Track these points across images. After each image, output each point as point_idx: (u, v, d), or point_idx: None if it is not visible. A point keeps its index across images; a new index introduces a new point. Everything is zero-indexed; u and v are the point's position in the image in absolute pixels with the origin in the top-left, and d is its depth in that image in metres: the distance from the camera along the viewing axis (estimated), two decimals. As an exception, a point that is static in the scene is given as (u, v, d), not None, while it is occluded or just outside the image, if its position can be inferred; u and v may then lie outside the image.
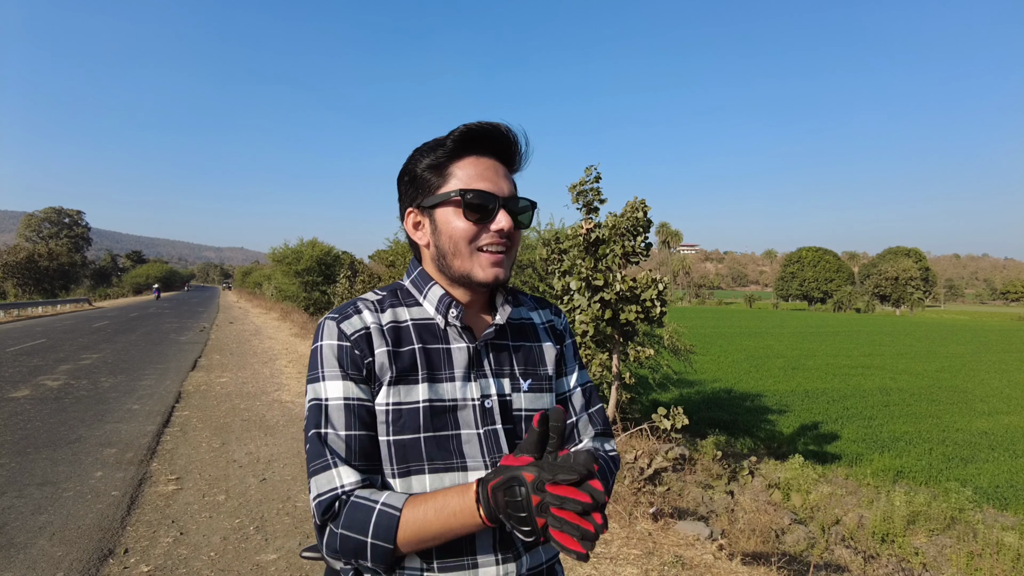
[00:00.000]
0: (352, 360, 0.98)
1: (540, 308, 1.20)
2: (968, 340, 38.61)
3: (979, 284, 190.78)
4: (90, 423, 6.43)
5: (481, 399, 1.02)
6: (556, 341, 1.17)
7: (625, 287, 7.79)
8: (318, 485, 0.94)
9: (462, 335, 1.04)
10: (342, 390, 0.97)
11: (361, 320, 1.01)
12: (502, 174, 1.04)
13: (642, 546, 3.46)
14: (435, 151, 1.03)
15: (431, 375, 1.00)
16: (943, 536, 8.29)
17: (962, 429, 14.96)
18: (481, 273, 1.01)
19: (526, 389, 1.07)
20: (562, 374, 1.18)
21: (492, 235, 1.01)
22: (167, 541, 3.52)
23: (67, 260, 59.72)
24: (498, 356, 1.07)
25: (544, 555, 1.05)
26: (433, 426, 0.98)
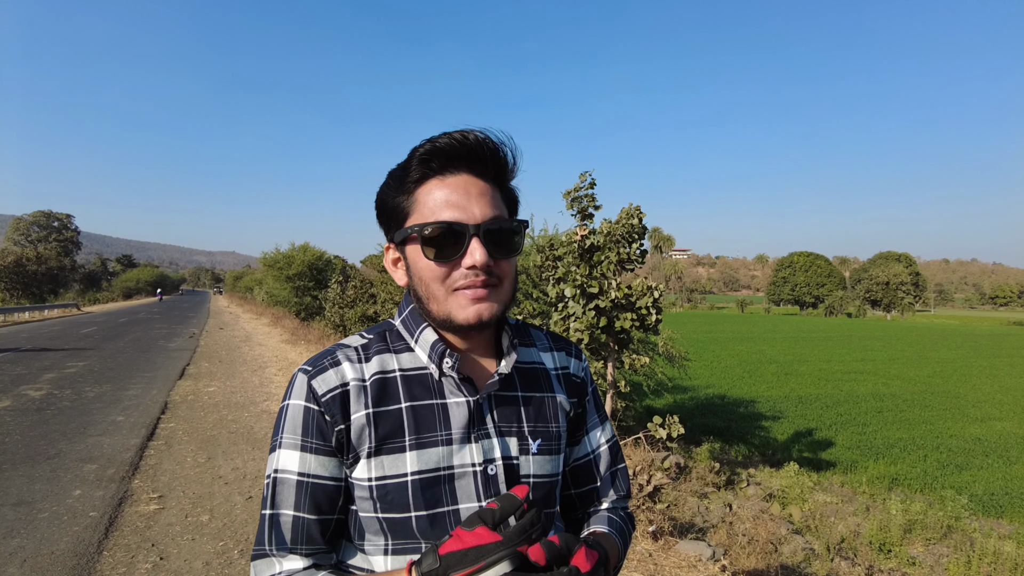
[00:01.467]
0: (319, 428, 0.84)
1: (555, 350, 1.03)
2: (959, 345, 38.79)
3: (968, 289, 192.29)
4: (71, 436, 6.23)
5: (484, 464, 0.87)
6: (571, 393, 1.01)
7: (620, 294, 7.69)
8: (256, 572, 0.84)
9: (460, 388, 0.88)
10: (298, 464, 0.84)
11: (339, 375, 0.86)
12: (476, 193, 0.86)
13: (643, 568, 3.34)
14: (401, 176, 0.87)
15: (420, 440, 0.85)
16: (940, 545, 8.22)
17: (956, 435, 14.95)
18: (461, 314, 0.85)
19: (535, 451, 0.92)
20: (586, 430, 1.04)
21: (465, 273, 0.84)
22: (145, 567, 3.36)
23: (56, 264, 59.14)
24: (504, 411, 0.91)
25: None
26: (425, 502, 0.84)
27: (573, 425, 1.02)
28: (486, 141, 0.86)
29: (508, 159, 0.90)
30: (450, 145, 0.84)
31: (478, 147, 0.85)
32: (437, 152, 0.84)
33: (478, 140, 0.85)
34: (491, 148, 0.87)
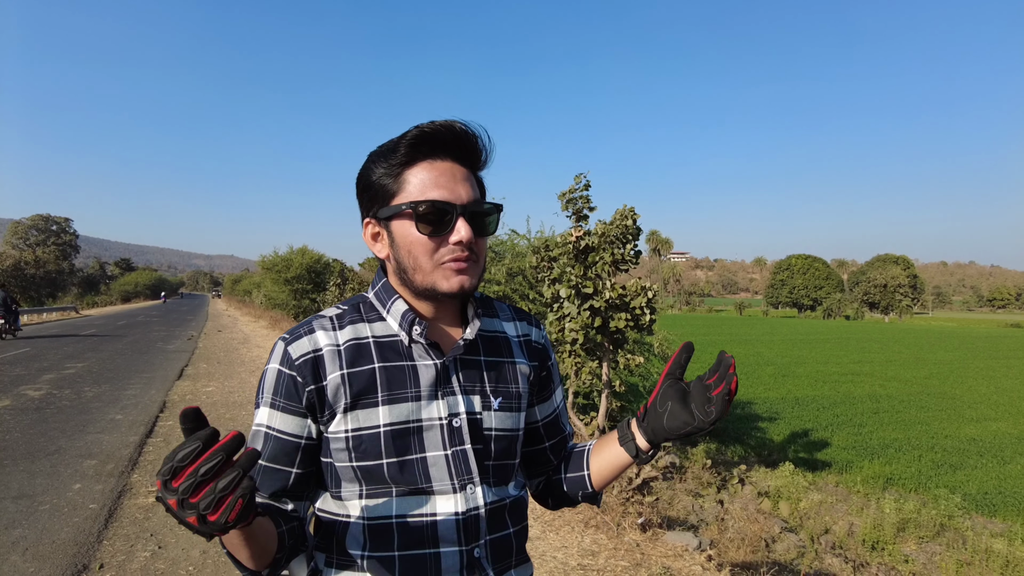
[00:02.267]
0: (288, 389, 0.93)
1: (517, 319, 1.13)
2: (956, 347, 38.89)
3: (966, 291, 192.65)
4: (71, 434, 6.31)
5: (449, 418, 0.96)
6: (532, 358, 1.11)
7: (615, 295, 7.77)
8: None
9: (428, 352, 0.97)
10: (267, 418, 0.94)
11: (312, 342, 0.95)
12: (460, 178, 0.95)
13: (630, 557, 3.42)
14: (389, 157, 0.95)
15: (391, 396, 0.94)
16: (933, 543, 8.29)
17: (951, 436, 15.03)
18: (445, 284, 0.94)
19: (497, 408, 1.01)
20: (552, 391, 1.16)
21: (452, 247, 0.93)
22: (144, 555, 3.44)
23: (54, 268, 59.16)
24: (468, 372, 1.00)
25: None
26: (396, 450, 0.92)
27: (540, 386, 1.12)
28: (468, 131, 0.96)
29: (485, 149, 0.99)
30: (439, 132, 0.93)
31: (463, 136, 0.95)
32: (427, 138, 0.93)
33: (463, 130, 0.95)
34: (473, 138, 0.96)
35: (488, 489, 0.97)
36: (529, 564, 1.07)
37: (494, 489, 0.98)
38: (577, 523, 3.95)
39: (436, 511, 0.93)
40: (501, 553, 0.98)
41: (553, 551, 3.52)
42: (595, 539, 3.69)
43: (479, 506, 0.95)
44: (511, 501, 1.01)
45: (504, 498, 1.00)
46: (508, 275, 11.06)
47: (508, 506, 1.01)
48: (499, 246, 12.19)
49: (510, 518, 1.01)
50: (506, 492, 1.01)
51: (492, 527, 0.96)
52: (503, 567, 0.98)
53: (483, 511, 0.95)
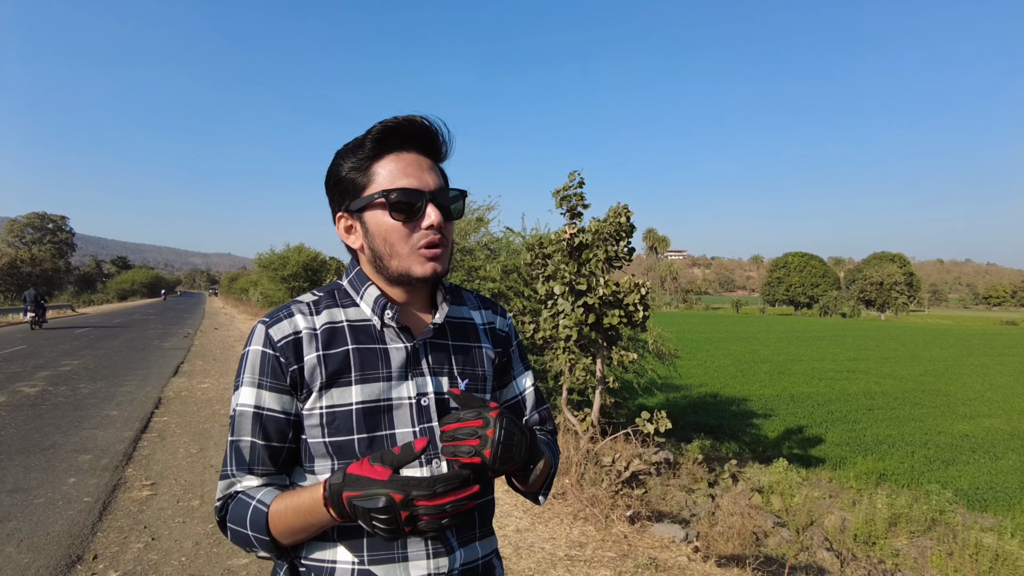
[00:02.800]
0: (273, 369, 0.98)
1: (483, 308, 1.19)
2: (951, 344, 39.04)
3: (962, 289, 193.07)
4: (66, 429, 6.35)
5: (418, 397, 1.01)
6: (496, 344, 1.16)
7: (608, 291, 7.81)
8: (220, 489, 0.99)
9: (399, 335, 1.03)
10: (254, 399, 0.98)
11: (292, 325, 1.00)
12: (426, 167, 1.01)
13: (617, 548, 3.47)
14: (356, 152, 1.01)
15: (364, 376, 0.99)
16: (924, 538, 8.36)
17: (944, 432, 15.11)
18: (419, 269, 1.00)
19: (463, 389, 1.06)
20: (513, 376, 1.20)
21: (424, 232, 0.99)
22: (138, 547, 3.49)
23: (51, 266, 59.11)
24: (437, 355, 1.06)
25: (480, 551, 1.07)
26: (367, 427, 0.98)
27: (500, 370, 1.18)
28: (429, 125, 1.01)
29: (445, 142, 1.05)
30: (402, 126, 0.99)
31: (425, 129, 1.01)
32: (391, 132, 0.99)
33: (425, 123, 1.01)
34: (434, 130, 1.02)
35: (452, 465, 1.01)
36: (493, 538, 1.12)
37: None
38: (566, 515, 4.00)
39: None
40: (465, 525, 1.03)
41: (542, 542, 3.57)
42: (583, 531, 3.74)
43: None
44: None
45: None
46: (503, 272, 11.10)
47: None
48: (494, 243, 12.23)
49: None
50: None
51: None
52: (467, 538, 1.03)
53: None
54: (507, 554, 3.41)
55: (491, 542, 1.11)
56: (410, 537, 0.96)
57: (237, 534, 0.96)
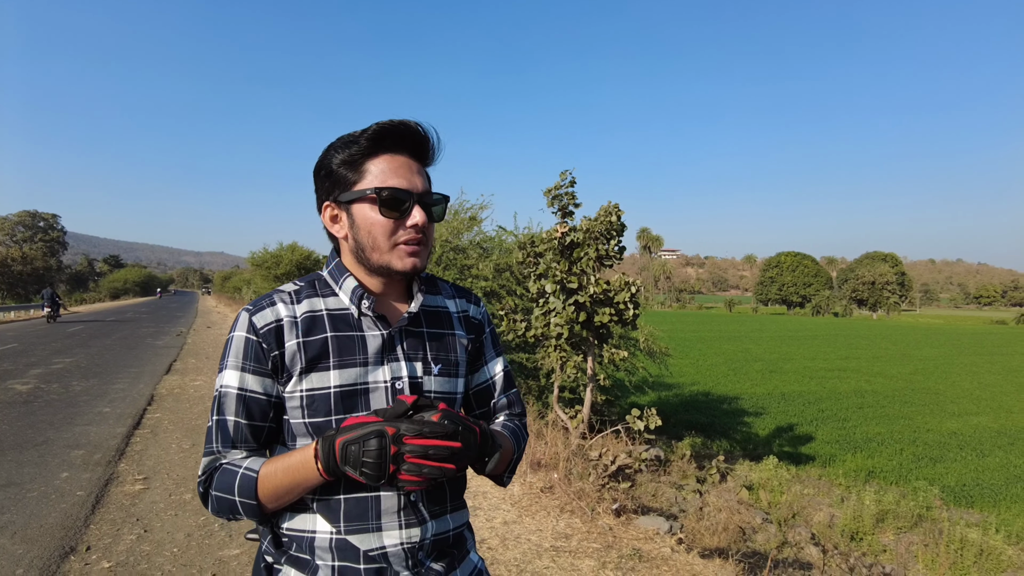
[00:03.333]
0: (255, 354, 1.05)
1: (457, 297, 1.26)
2: (941, 343, 39.34)
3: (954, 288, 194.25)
4: (59, 426, 6.38)
5: (392, 381, 1.08)
6: (470, 331, 1.23)
7: (599, 290, 7.88)
8: (203, 464, 1.06)
9: (376, 323, 1.10)
10: (238, 381, 1.05)
11: (274, 313, 1.07)
12: (415, 170, 1.08)
13: (602, 540, 3.54)
14: (350, 147, 1.07)
15: (342, 361, 1.06)
16: (910, 533, 8.47)
17: (932, 430, 15.26)
18: (399, 263, 1.07)
19: (436, 373, 1.13)
20: (484, 361, 1.28)
21: (408, 230, 1.06)
22: (130, 538, 3.54)
23: (42, 264, 58.78)
24: (411, 342, 1.13)
25: (451, 523, 1.14)
26: (344, 408, 1.05)
27: (474, 355, 1.25)
28: (425, 131, 1.09)
29: (435, 148, 1.13)
30: (398, 128, 1.06)
31: (417, 134, 1.08)
32: (387, 133, 1.06)
33: (419, 129, 1.08)
34: (426, 136, 1.10)
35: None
36: (465, 511, 1.20)
37: None
38: (553, 508, 4.07)
39: None
40: (436, 498, 1.10)
41: (528, 534, 3.64)
42: (569, 523, 3.81)
43: None
44: None
45: None
46: (496, 271, 11.15)
47: None
48: (487, 242, 12.29)
49: None
50: None
51: None
52: (439, 511, 1.11)
53: None
54: (494, 545, 3.48)
55: (462, 515, 1.18)
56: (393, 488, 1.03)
57: (222, 501, 1.02)
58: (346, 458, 0.92)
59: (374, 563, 1.04)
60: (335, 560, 1.04)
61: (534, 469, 4.81)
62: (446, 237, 12.29)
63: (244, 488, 1.00)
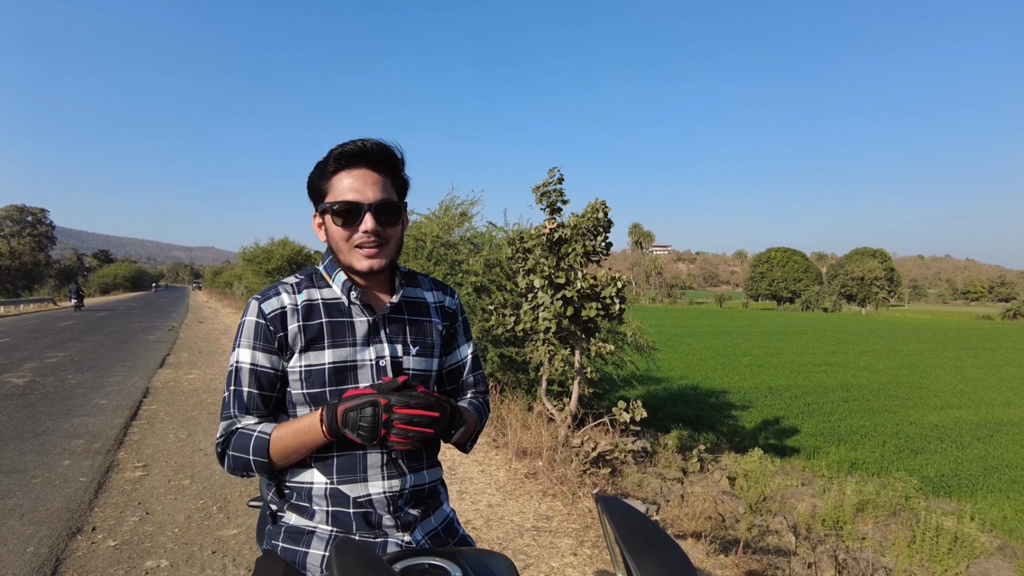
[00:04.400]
0: (264, 335, 1.27)
1: (435, 290, 1.48)
2: (928, 338, 39.78)
3: (942, 284, 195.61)
4: (57, 417, 6.52)
5: (377, 359, 1.30)
6: (445, 319, 1.46)
7: (586, 285, 8.06)
8: (221, 428, 1.26)
9: (363, 311, 1.32)
10: (250, 357, 1.26)
11: (279, 301, 1.29)
12: (371, 182, 1.26)
13: (581, 521, 3.74)
14: (322, 167, 1.29)
15: (335, 342, 1.28)
16: (889, 523, 8.72)
17: (915, 422, 15.56)
18: (358, 264, 1.27)
19: (415, 353, 1.35)
20: (457, 345, 1.50)
21: (361, 235, 1.25)
22: (133, 520, 3.71)
23: (30, 259, 58.37)
24: (393, 327, 1.34)
25: (427, 477, 1.36)
26: (336, 381, 1.26)
27: (448, 340, 1.47)
28: (379, 147, 1.27)
29: (395, 159, 1.31)
30: (355, 149, 1.26)
31: (373, 151, 1.27)
32: (346, 154, 1.26)
33: (374, 146, 1.27)
34: (382, 151, 1.28)
35: None
36: (439, 469, 1.43)
37: None
38: (536, 493, 4.28)
39: None
40: (414, 456, 1.33)
41: (511, 516, 3.84)
42: (551, 506, 4.01)
43: None
44: None
45: None
46: (486, 266, 11.32)
47: None
48: (477, 238, 12.44)
49: None
50: None
51: None
52: (416, 467, 1.33)
53: None
54: (479, 525, 3.68)
55: (436, 472, 1.41)
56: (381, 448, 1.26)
57: (238, 460, 1.23)
58: (346, 422, 1.13)
59: (362, 508, 1.27)
60: (329, 506, 1.26)
61: (519, 457, 5.01)
62: (437, 233, 12.44)
63: (258, 448, 1.21)
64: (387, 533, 1.28)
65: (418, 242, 12.28)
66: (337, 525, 1.26)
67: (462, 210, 12.76)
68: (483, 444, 5.77)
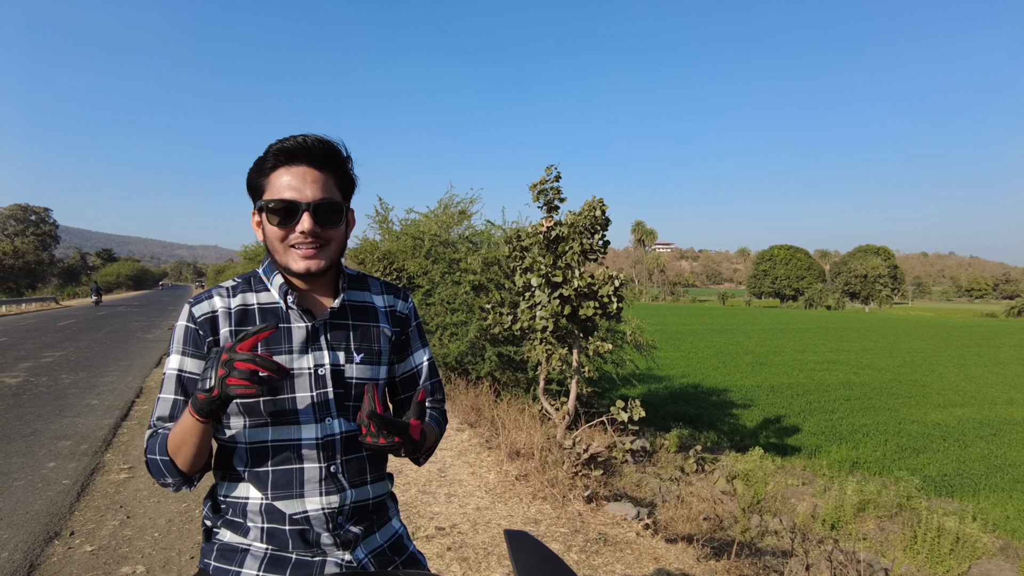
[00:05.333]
0: (194, 340, 1.19)
1: (386, 293, 1.38)
2: (931, 336, 39.64)
3: (946, 282, 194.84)
4: (47, 418, 6.46)
5: (315, 368, 1.20)
6: (395, 324, 1.36)
7: (583, 283, 7.98)
8: (146, 436, 1.19)
9: (302, 316, 1.22)
10: (178, 364, 1.19)
11: (210, 305, 1.21)
12: (311, 180, 1.17)
13: (570, 525, 3.67)
14: (261, 164, 1.19)
15: (269, 349, 1.18)
16: (890, 522, 8.63)
17: (917, 421, 15.45)
18: (295, 265, 1.18)
19: (358, 361, 1.26)
20: (411, 351, 1.40)
21: (297, 235, 1.17)
22: (113, 524, 3.65)
23: (34, 258, 58.48)
24: (336, 333, 1.25)
25: (372, 492, 1.27)
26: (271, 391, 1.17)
27: (399, 346, 1.38)
28: (320, 143, 1.18)
29: (339, 155, 1.22)
30: (294, 145, 1.17)
31: (314, 147, 1.18)
32: (285, 150, 1.17)
33: (315, 142, 1.18)
34: (324, 148, 1.19)
35: (344, 422, 1.22)
36: (386, 483, 1.33)
37: (353, 423, 1.24)
38: (526, 495, 4.20)
39: (301, 437, 1.19)
40: (356, 470, 1.24)
41: (499, 519, 3.76)
42: (540, 509, 3.94)
43: (335, 434, 1.21)
44: None
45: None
46: (484, 264, 11.25)
47: None
48: (476, 236, 12.37)
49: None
50: None
51: (347, 450, 1.23)
52: (359, 481, 1.24)
53: (338, 438, 1.21)
54: (465, 529, 3.60)
55: (383, 486, 1.32)
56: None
57: (152, 463, 1.15)
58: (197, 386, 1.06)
59: (298, 525, 1.18)
60: (264, 522, 1.18)
61: (512, 458, 4.94)
62: (435, 231, 12.37)
63: (161, 447, 1.13)
64: (326, 552, 1.20)
65: (416, 240, 12.21)
66: (272, 543, 1.19)
67: (461, 208, 12.69)
68: (475, 445, 5.70)
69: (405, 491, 4.28)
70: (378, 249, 13.29)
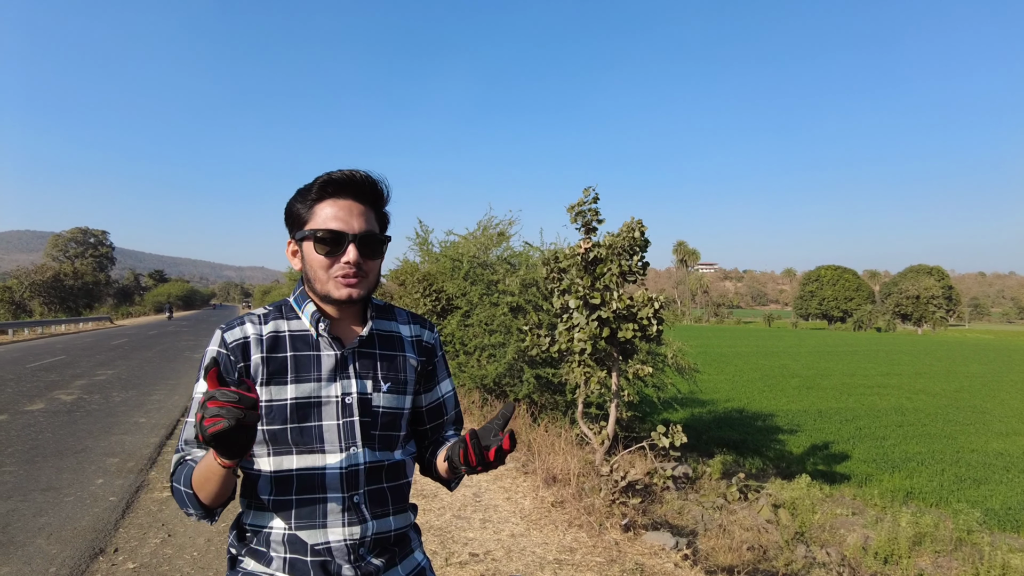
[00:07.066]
0: (225, 365, 1.20)
1: (412, 323, 1.40)
2: (991, 359, 37.94)
3: (1006, 302, 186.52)
4: (97, 435, 6.69)
5: (343, 396, 1.22)
6: (421, 353, 1.37)
7: (622, 305, 7.91)
8: (173, 461, 1.20)
9: (331, 344, 1.24)
10: (204, 388, 1.17)
11: (243, 331, 1.23)
12: (357, 213, 1.22)
13: (606, 554, 3.58)
14: (305, 195, 1.24)
15: (299, 376, 1.20)
16: (949, 558, 8.21)
17: (977, 450, 14.74)
18: (336, 292, 1.21)
19: (385, 390, 1.27)
20: (436, 382, 1.42)
21: (342, 265, 1.20)
22: (155, 542, 3.74)
23: (91, 279, 60.98)
24: (364, 362, 1.27)
25: (394, 524, 1.27)
26: (298, 418, 1.19)
27: (426, 376, 1.39)
28: (367, 178, 1.24)
29: (382, 192, 1.28)
30: (342, 179, 1.22)
31: (361, 182, 1.23)
32: (333, 182, 1.22)
33: (362, 177, 1.23)
34: (370, 183, 1.25)
35: (369, 452, 1.23)
36: (408, 515, 1.33)
37: (377, 453, 1.25)
38: (562, 523, 4.13)
39: (325, 465, 1.19)
40: (378, 501, 1.24)
41: (533, 547, 3.70)
42: (576, 537, 3.86)
43: (359, 464, 1.22)
44: (390, 463, 1.28)
45: (384, 460, 1.26)
46: (522, 286, 11.25)
47: (386, 467, 1.27)
48: (514, 258, 12.40)
49: (386, 476, 1.27)
50: (389, 456, 1.28)
51: (370, 481, 1.23)
52: (381, 512, 1.25)
53: (362, 468, 1.22)
54: (499, 556, 3.56)
55: (405, 518, 1.32)
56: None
57: (176, 492, 1.16)
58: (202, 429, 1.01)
59: (319, 556, 1.19)
60: (287, 552, 1.19)
61: (547, 484, 4.87)
62: (474, 253, 12.46)
63: (187, 479, 1.13)
64: None
65: (455, 262, 12.31)
66: (294, 573, 1.19)
67: (500, 230, 12.76)
68: (511, 469, 5.65)
69: (440, 515, 4.27)
70: (418, 271, 13.43)
